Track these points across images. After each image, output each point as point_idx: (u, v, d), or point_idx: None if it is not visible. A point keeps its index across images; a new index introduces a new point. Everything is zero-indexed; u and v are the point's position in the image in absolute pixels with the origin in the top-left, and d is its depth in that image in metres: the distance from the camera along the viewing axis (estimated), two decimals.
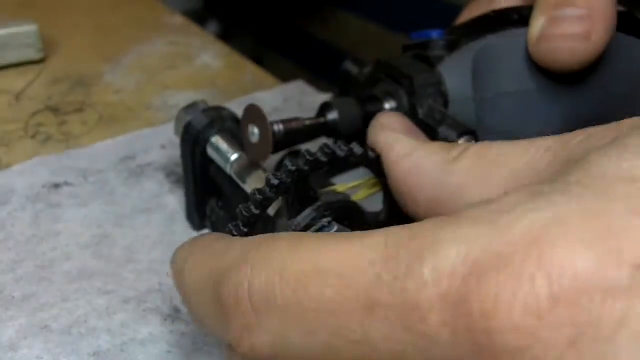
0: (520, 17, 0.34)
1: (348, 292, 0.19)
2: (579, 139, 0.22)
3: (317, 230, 0.30)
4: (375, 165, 0.31)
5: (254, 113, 0.34)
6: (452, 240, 0.18)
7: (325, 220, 0.30)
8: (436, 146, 0.29)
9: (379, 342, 0.19)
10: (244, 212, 0.29)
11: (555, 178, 0.20)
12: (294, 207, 0.30)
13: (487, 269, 0.17)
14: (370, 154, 0.31)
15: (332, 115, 0.35)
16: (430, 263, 0.18)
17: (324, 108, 0.36)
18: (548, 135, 0.26)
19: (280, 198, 0.30)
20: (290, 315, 0.20)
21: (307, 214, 0.30)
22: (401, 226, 0.20)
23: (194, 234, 0.41)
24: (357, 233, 0.21)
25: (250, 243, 0.23)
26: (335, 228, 0.30)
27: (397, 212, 0.30)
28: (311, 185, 0.30)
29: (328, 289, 0.20)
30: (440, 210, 0.25)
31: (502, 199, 0.19)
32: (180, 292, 0.26)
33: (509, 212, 0.18)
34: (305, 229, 0.30)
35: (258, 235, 0.24)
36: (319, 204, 0.30)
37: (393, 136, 0.30)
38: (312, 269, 0.20)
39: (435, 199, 0.27)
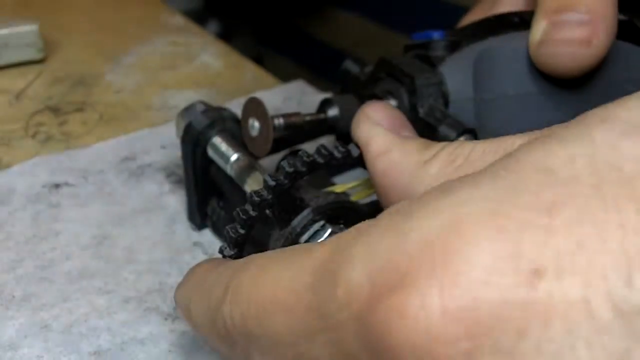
0: (521, 21, 0.34)
1: (292, 322, 0.19)
2: (546, 134, 0.21)
3: (311, 236, 0.30)
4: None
5: (254, 106, 0.34)
6: (361, 254, 0.17)
7: (317, 225, 0.30)
8: (413, 145, 0.27)
9: None
10: (241, 214, 0.29)
11: (477, 172, 0.18)
12: (282, 219, 0.30)
13: (385, 285, 0.16)
14: (353, 150, 0.30)
15: (333, 111, 0.36)
16: (342, 283, 0.17)
17: (325, 104, 0.36)
18: None
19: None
20: (264, 346, 0.21)
21: (297, 222, 0.30)
22: (332, 238, 0.20)
23: (194, 234, 0.41)
24: (306, 248, 0.20)
25: (228, 275, 0.23)
26: (329, 230, 0.30)
27: None
28: (295, 195, 0.30)
29: (279, 321, 0.20)
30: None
31: (417, 199, 0.18)
32: (192, 328, 0.27)
33: (411, 216, 0.17)
34: (298, 236, 0.30)
35: (237, 262, 0.24)
36: (308, 209, 0.30)
37: (373, 129, 0.29)
38: (268, 299, 0.20)
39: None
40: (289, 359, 0.20)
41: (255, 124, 0.34)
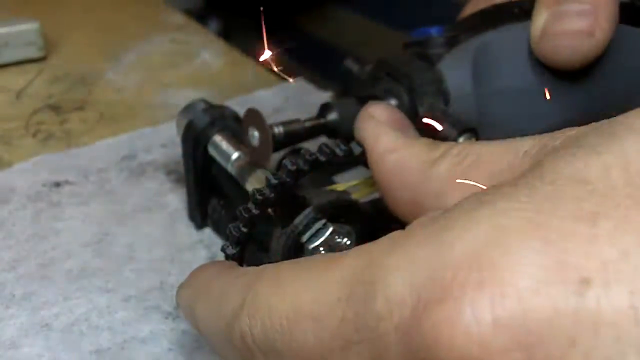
0: (521, 11, 0.34)
1: (324, 334, 0.19)
2: (556, 142, 0.21)
3: (313, 235, 0.30)
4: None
5: (253, 117, 0.34)
6: (399, 266, 0.18)
7: (319, 223, 0.30)
8: (421, 144, 0.27)
9: None
10: (243, 213, 0.29)
11: (509, 182, 0.19)
12: (283, 217, 0.30)
13: (431, 297, 0.17)
14: (355, 148, 0.30)
15: (332, 116, 0.35)
16: (381, 295, 0.18)
17: (324, 109, 0.36)
18: (549, 130, 0.26)
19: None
20: (287, 356, 0.20)
21: (299, 220, 0.30)
22: (362, 249, 0.20)
23: (195, 232, 0.41)
24: (330, 259, 0.20)
25: (243, 287, 0.23)
26: (330, 229, 0.30)
27: None
28: (297, 193, 0.30)
29: (308, 333, 0.20)
30: (421, 213, 0.23)
31: (452, 210, 0.18)
32: (198, 332, 0.27)
33: (452, 228, 0.17)
34: (300, 235, 0.30)
35: (250, 272, 0.24)
36: (310, 208, 0.30)
37: (379, 129, 0.29)
38: (293, 312, 0.20)
39: (416, 201, 0.26)
40: None
41: (255, 134, 0.34)
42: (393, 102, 0.35)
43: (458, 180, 0.24)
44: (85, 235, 0.41)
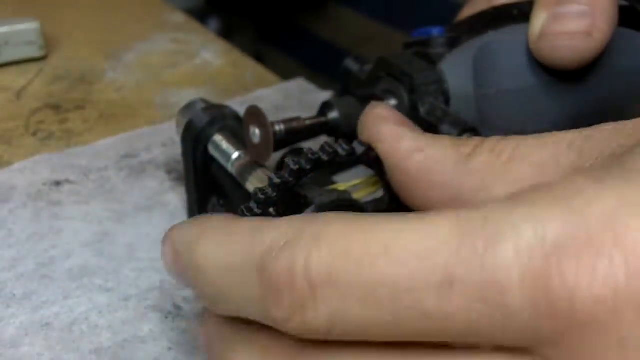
0: (520, 13, 0.34)
1: (424, 270, 0.20)
2: (604, 133, 0.23)
3: None
4: (376, 163, 0.31)
5: (254, 114, 0.34)
6: (528, 221, 0.19)
7: None
8: (445, 141, 0.28)
9: (453, 314, 0.20)
10: (245, 212, 0.29)
11: (604, 166, 0.21)
12: (286, 216, 0.30)
13: (567, 249, 0.19)
14: (358, 148, 0.30)
15: (333, 115, 0.35)
16: (509, 242, 0.19)
17: (325, 107, 0.36)
18: (549, 131, 0.26)
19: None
20: (355, 291, 0.21)
21: None
22: (469, 208, 0.21)
23: None
24: (420, 214, 0.21)
25: (298, 222, 0.22)
26: None
27: (399, 208, 0.30)
28: (299, 192, 0.30)
29: (399, 266, 0.20)
30: (457, 206, 0.25)
31: (568, 184, 0.20)
32: (188, 274, 0.25)
33: (579, 196, 0.20)
34: None
35: (299, 216, 0.23)
36: (312, 207, 0.30)
37: (398, 129, 0.29)
38: (380, 246, 0.21)
39: (452, 196, 0.27)
40: (394, 303, 0.20)
41: (256, 131, 0.34)
42: (393, 101, 0.35)
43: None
44: (85, 234, 0.41)
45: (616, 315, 0.18)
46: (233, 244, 0.24)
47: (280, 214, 0.30)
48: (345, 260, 0.21)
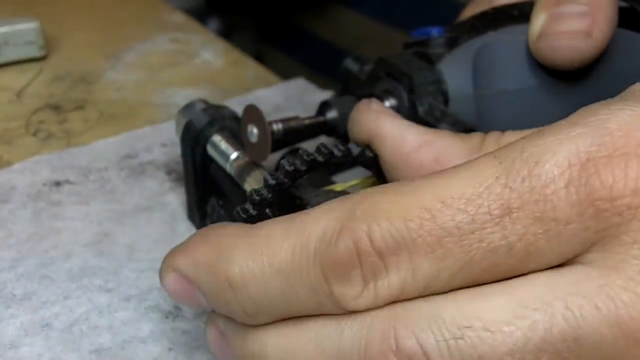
0: (520, 13, 0.34)
1: (480, 208, 0.22)
2: None
3: None
4: (372, 163, 0.31)
5: (252, 113, 0.34)
6: (560, 141, 0.22)
7: None
8: (448, 135, 0.29)
9: (514, 242, 0.22)
10: (241, 213, 0.29)
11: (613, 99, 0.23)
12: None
13: (599, 155, 0.21)
14: (354, 149, 0.30)
15: (332, 114, 0.36)
16: (549, 162, 0.21)
17: (323, 107, 0.36)
18: None
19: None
20: (423, 247, 0.22)
21: None
22: (503, 146, 0.23)
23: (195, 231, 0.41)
24: (458, 165, 0.23)
25: (342, 205, 0.23)
26: None
27: None
28: (294, 194, 0.30)
29: (459, 213, 0.22)
30: None
31: (577, 114, 0.23)
32: (217, 296, 0.24)
33: (594, 115, 0.22)
34: None
35: (334, 201, 0.24)
36: (315, 203, 0.30)
37: (400, 123, 0.30)
38: (435, 201, 0.22)
39: None
40: (460, 247, 0.22)
41: (254, 131, 0.34)
42: (393, 101, 0.35)
43: None
44: (85, 235, 0.41)
45: None
46: (272, 248, 0.23)
47: (276, 215, 0.30)
48: (407, 223, 0.22)
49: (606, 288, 0.21)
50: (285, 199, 0.30)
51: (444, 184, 0.22)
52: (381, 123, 0.31)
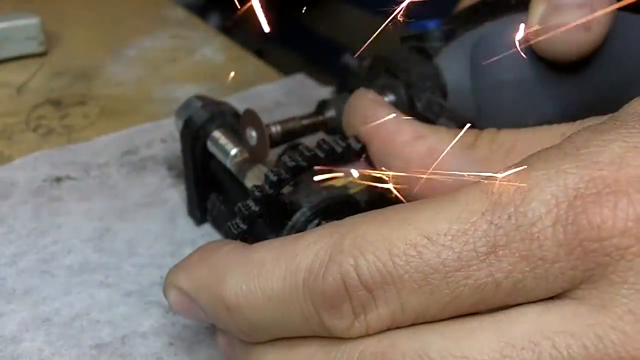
0: (518, 3, 0.34)
1: (466, 246, 0.21)
2: (592, 122, 0.24)
3: None
4: (360, 153, 0.31)
5: (250, 117, 0.34)
6: (549, 176, 0.21)
7: (314, 223, 0.30)
8: (444, 130, 0.29)
9: (500, 279, 0.21)
10: (242, 209, 0.29)
11: (604, 121, 0.23)
12: (275, 224, 0.30)
13: (588, 193, 0.21)
14: (354, 144, 0.30)
15: (329, 113, 0.36)
16: (537, 199, 0.21)
17: (321, 106, 0.36)
18: (547, 122, 0.26)
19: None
20: (410, 283, 0.22)
21: (294, 222, 0.30)
22: (489, 176, 0.22)
23: (195, 227, 0.41)
24: (445, 195, 0.23)
25: (330, 236, 0.23)
26: None
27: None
28: (285, 200, 0.30)
29: (445, 250, 0.22)
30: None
31: (571, 140, 0.22)
32: (216, 315, 0.26)
33: (587, 147, 0.22)
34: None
35: (325, 228, 0.24)
36: (303, 209, 0.30)
37: (397, 114, 0.30)
38: (421, 237, 0.22)
39: (457, 184, 0.27)
40: (447, 284, 0.22)
41: (252, 134, 0.34)
42: (391, 97, 0.35)
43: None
44: (86, 230, 0.41)
45: None
46: (264, 274, 0.24)
47: (268, 222, 0.31)
48: (393, 258, 0.22)
49: (595, 327, 0.21)
50: (276, 206, 0.30)
51: (431, 217, 0.22)
52: (377, 112, 0.31)
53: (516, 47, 0.33)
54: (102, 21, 0.69)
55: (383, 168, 0.30)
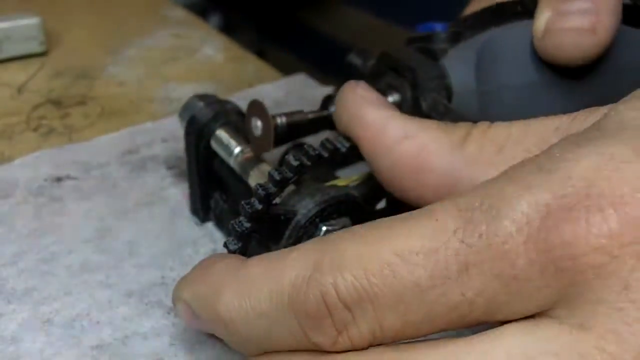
0: (524, 9, 0.34)
1: (438, 264, 0.21)
2: (585, 114, 0.25)
3: (310, 236, 0.30)
4: (349, 153, 0.31)
5: (257, 107, 0.34)
6: (520, 194, 0.21)
7: (311, 230, 0.30)
8: (434, 126, 0.29)
9: (474, 298, 0.21)
10: (247, 208, 0.29)
11: (583, 132, 0.22)
12: (273, 234, 0.30)
13: (560, 210, 0.20)
14: (341, 144, 0.30)
15: (334, 108, 0.35)
16: (508, 217, 0.21)
17: (327, 101, 0.36)
18: None
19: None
20: (385, 301, 0.22)
21: (289, 233, 0.30)
22: (465, 193, 0.22)
23: (197, 227, 0.41)
24: (418, 212, 0.23)
25: (312, 253, 0.24)
26: (324, 229, 0.30)
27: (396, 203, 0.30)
28: (279, 211, 0.31)
29: (417, 268, 0.22)
30: (453, 192, 0.26)
31: (550, 153, 0.22)
32: (214, 328, 0.27)
33: (561, 161, 0.21)
34: (297, 241, 0.30)
35: (309, 246, 0.24)
36: (299, 215, 0.30)
37: (386, 112, 0.29)
38: (394, 255, 0.22)
39: (448, 183, 0.27)
40: (422, 303, 0.22)
41: (257, 123, 0.34)
42: (396, 96, 0.35)
43: None
44: (86, 230, 0.41)
45: (617, 261, 0.20)
46: (253, 292, 0.25)
47: (263, 235, 0.31)
48: (368, 277, 0.22)
49: (578, 347, 0.20)
50: (270, 219, 0.30)
51: (405, 235, 0.22)
52: (364, 110, 0.30)
53: (521, 52, 0.33)
54: (103, 21, 0.69)
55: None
